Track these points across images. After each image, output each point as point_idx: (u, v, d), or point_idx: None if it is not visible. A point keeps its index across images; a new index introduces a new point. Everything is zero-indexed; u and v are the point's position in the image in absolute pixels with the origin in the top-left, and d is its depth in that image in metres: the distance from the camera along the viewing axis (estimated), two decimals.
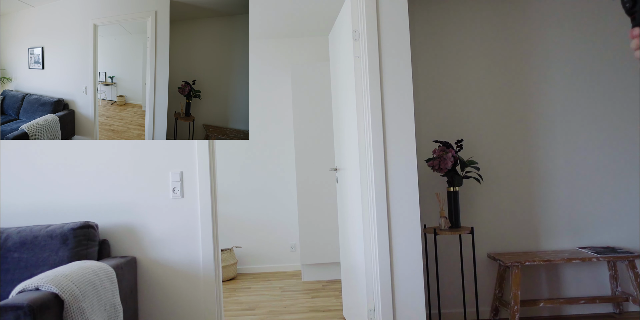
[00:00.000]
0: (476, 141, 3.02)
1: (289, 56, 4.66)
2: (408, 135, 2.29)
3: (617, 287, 2.95)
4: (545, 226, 3.02)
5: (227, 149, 4.65)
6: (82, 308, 1.73)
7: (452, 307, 2.94)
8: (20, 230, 2.20)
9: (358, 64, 2.38)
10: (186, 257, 2.42)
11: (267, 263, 4.67)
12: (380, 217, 2.28)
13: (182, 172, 2.44)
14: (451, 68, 3.03)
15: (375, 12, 2.32)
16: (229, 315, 3.28)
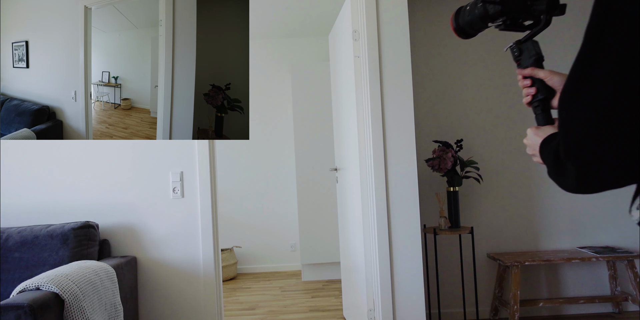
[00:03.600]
0: (476, 141, 3.02)
1: (289, 56, 4.66)
2: (408, 135, 2.29)
3: (616, 286, 2.96)
4: (545, 226, 3.02)
5: (227, 149, 4.65)
6: (82, 308, 1.73)
7: (451, 307, 2.94)
8: (21, 230, 2.20)
9: (358, 64, 2.38)
10: (186, 256, 2.42)
11: (267, 263, 4.67)
12: (380, 217, 2.28)
13: (182, 172, 2.45)
14: (451, 68, 3.03)
15: (375, 12, 2.32)
16: (229, 315, 3.28)
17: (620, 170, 0.56)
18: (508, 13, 0.83)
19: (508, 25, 0.86)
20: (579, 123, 0.58)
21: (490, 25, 0.88)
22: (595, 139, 0.56)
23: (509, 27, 0.87)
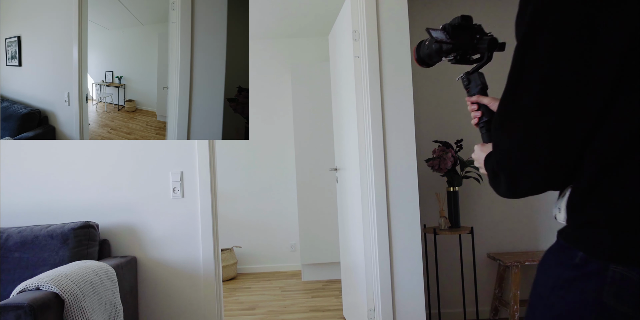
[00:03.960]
0: (476, 141, 3.02)
1: (289, 56, 4.66)
2: (408, 135, 2.29)
3: None
4: (545, 226, 3.02)
5: (227, 149, 4.65)
6: (82, 307, 1.73)
7: (451, 307, 2.94)
8: (21, 230, 2.20)
9: (358, 64, 2.38)
10: (186, 256, 2.42)
11: (267, 263, 4.67)
12: (380, 217, 2.28)
13: (182, 172, 2.45)
14: (451, 68, 3.03)
15: (375, 12, 2.32)
16: (229, 315, 3.28)
17: (537, 180, 0.72)
18: (457, 50, 1.00)
19: (458, 59, 1.02)
20: (505, 145, 0.74)
21: (444, 59, 1.04)
22: (517, 157, 0.72)
23: (459, 61, 1.03)
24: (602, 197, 0.69)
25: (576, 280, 0.71)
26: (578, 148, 0.70)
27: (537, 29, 0.70)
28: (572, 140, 0.69)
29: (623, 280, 0.66)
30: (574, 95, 0.68)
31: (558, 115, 0.69)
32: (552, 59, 0.69)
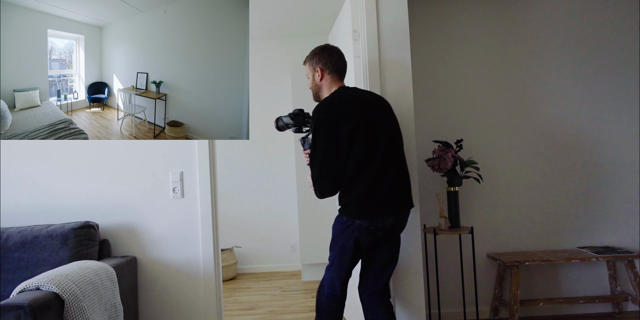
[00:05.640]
0: (476, 141, 3.02)
1: (289, 56, 4.66)
2: (408, 135, 2.29)
3: (616, 286, 2.96)
4: (545, 226, 3.02)
5: (227, 149, 4.65)
6: (82, 308, 1.73)
7: (452, 307, 2.94)
8: (21, 230, 2.20)
9: (358, 64, 2.38)
10: (186, 256, 2.42)
11: (267, 263, 4.67)
12: None
13: (182, 172, 2.45)
14: (451, 68, 3.03)
15: (375, 12, 2.32)
16: (229, 315, 3.28)
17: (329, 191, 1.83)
18: (296, 126, 2.05)
19: (297, 130, 2.04)
20: (314, 174, 1.83)
21: (291, 129, 2.06)
22: (319, 180, 1.83)
23: (297, 131, 2.04)
24: (349, 192, 1.81)
25: (346, 229, 1.84)
26: (341, 175, 1.80)
27: (318, 126, 1.79)
28: (337, 173, 1.80)
29: (359, 226, 1.81)
30: (335, 154, 1.78)
31: (330, 163, 1.79)
32: (325, 139, 1.78)
